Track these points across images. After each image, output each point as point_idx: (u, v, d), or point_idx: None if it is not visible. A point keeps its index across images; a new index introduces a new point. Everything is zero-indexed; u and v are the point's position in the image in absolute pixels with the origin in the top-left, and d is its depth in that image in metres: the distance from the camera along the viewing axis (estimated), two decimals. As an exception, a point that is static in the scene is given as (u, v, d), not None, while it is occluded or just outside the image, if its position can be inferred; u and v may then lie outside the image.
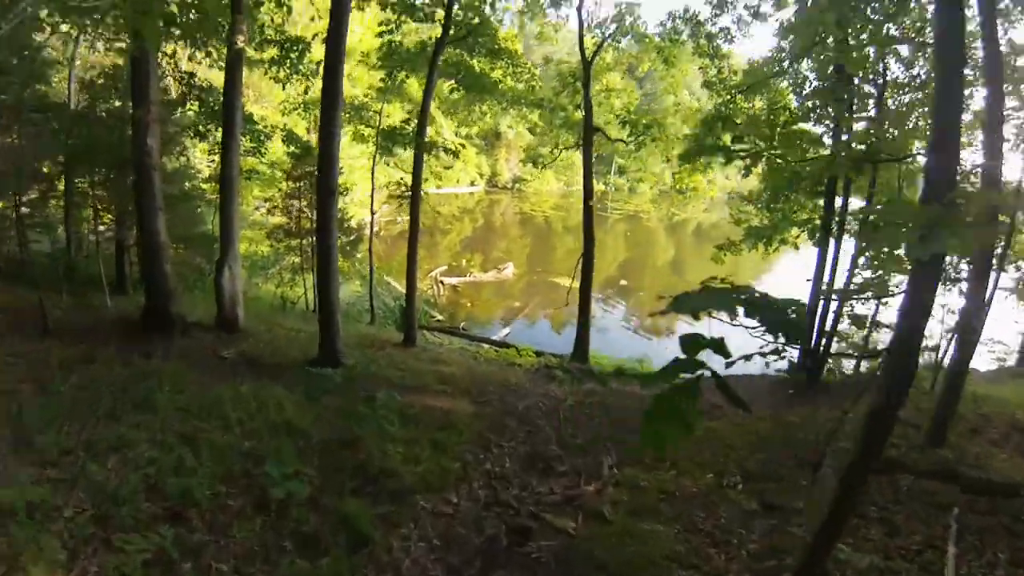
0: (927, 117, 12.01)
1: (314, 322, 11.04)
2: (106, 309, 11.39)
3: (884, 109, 12.67)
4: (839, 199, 13.34)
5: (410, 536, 5.42)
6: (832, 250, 13.02)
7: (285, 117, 19.05)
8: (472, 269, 30.38)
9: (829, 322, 13.16)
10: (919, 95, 13.03)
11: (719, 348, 2.29)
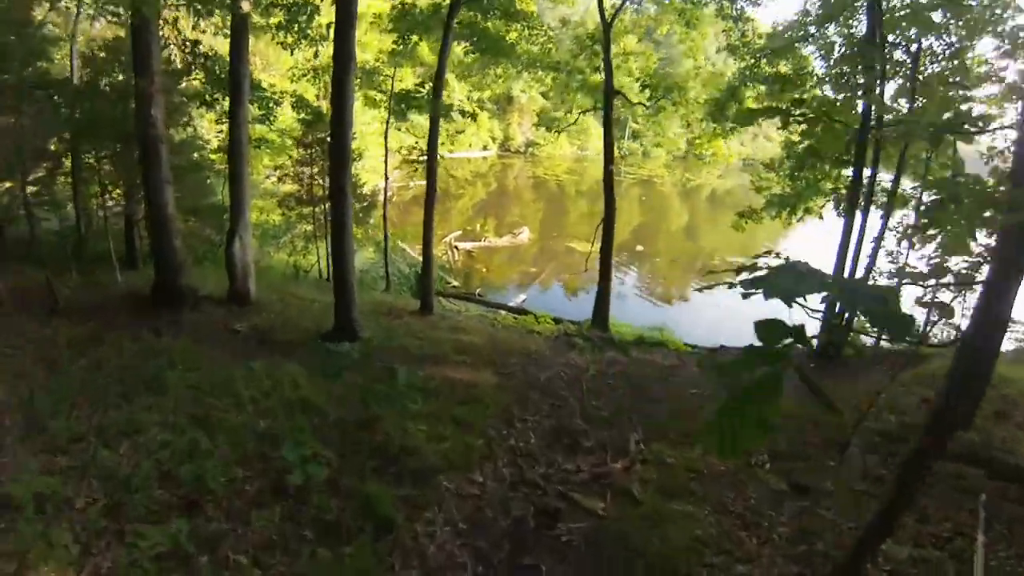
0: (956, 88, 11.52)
1: (328, 291, 10.79)
2: (116, 285, 11.21)
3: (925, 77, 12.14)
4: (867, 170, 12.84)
5: (435, 520, 5.21)
6: (859, 221, 12.56)
7: (294, 84, 18.57)
8: (487, 234, 30.01)
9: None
10: (954, 63, 12.50)
11: (800, 336, 1.97)
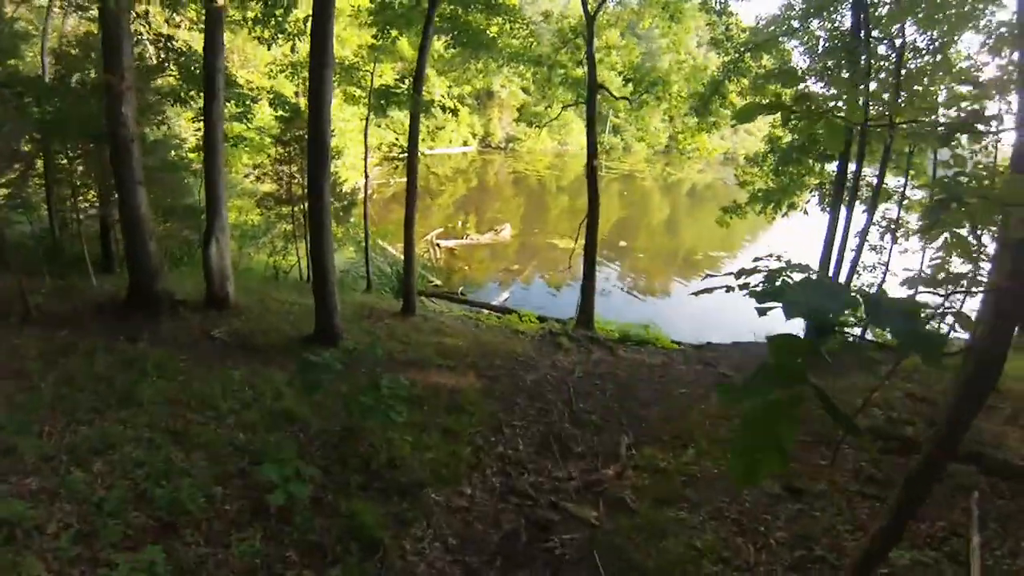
0: (941, 81, 11.47)
1: (308, 293, 10.52)
2: (91, 291, 10.83)
3: (909, 73, 12.12)
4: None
5: (423, 536, 5.05)
6: (844, 216, 12.55)
7: (272, 80, 18.19)
8: (468, 231, 29.72)
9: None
10: (937, 59, 12.50)
11: (818, 353, 1.81)
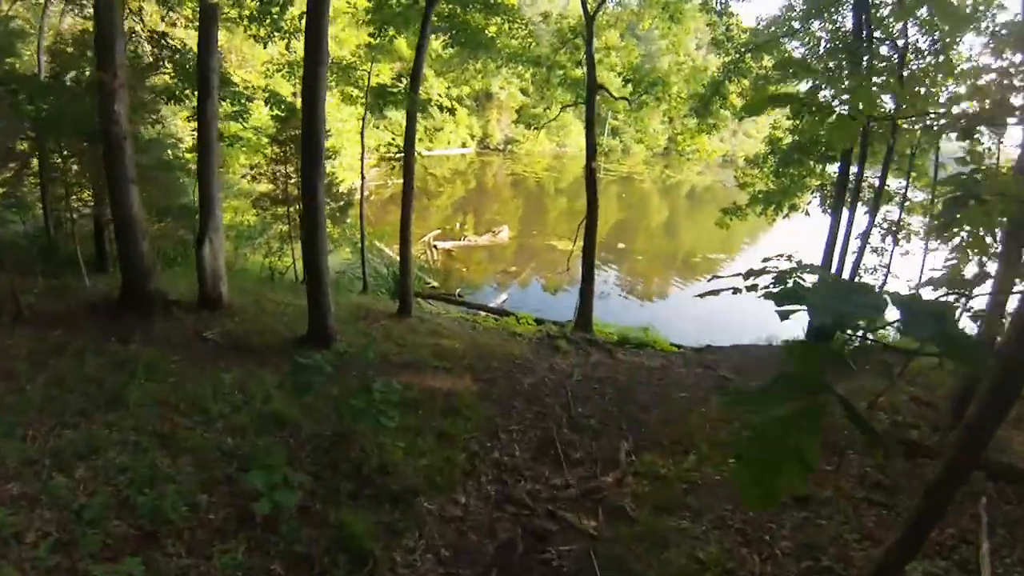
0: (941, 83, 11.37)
1: (303, 294, 10.35)
2: (84, 291, 10.64)
3: (911, 74, 12.03)
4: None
5: (415, 547, 4.85)
6: (846, 218, 12.41)
7: (269, 79, 18.01)
8: (466, 232, 29.57)
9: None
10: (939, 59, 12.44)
11: (841, 360, 1.67)
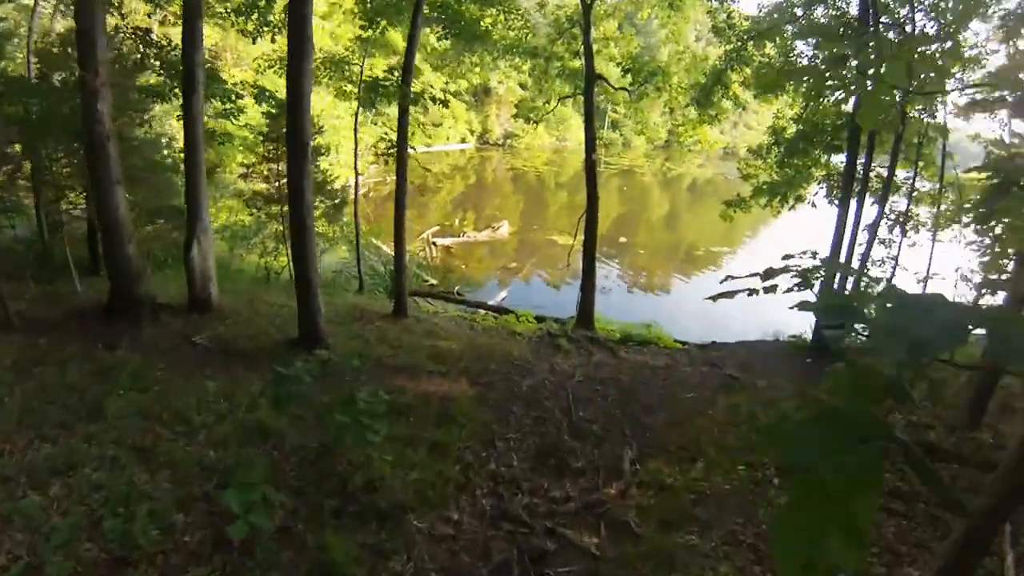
0: (950, 69, 11.07)
1: (296, 294, 10.13)
2: (75, 296, 10.41)
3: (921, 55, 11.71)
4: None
5: (403, 571, 4.55)
6: (854, 209, 12.08)
7: (260, 75, 17.68)
8: (466, 229, 29.23)
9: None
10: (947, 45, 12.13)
11: (901, 393, 1.40)
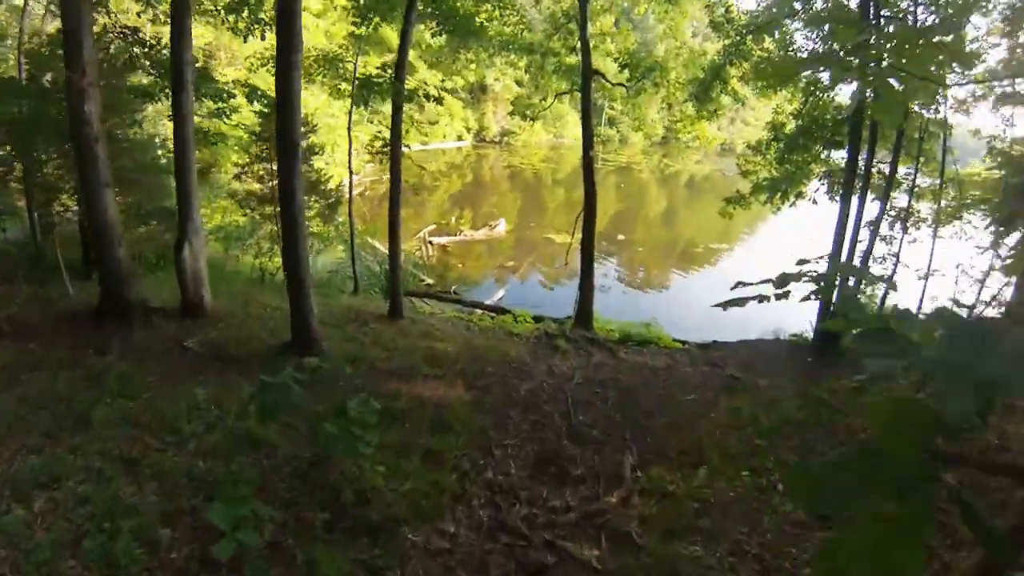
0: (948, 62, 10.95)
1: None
2: (67, 299, 10.28)
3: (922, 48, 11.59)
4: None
5: (396, 589, 4.42)
6: (855, 206, 11.93)
7: (253, 73, 17.48)
8: (462, 227, 29.06)
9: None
10: (948, 38, 11.99)
11: (953, 430, 1.39)
